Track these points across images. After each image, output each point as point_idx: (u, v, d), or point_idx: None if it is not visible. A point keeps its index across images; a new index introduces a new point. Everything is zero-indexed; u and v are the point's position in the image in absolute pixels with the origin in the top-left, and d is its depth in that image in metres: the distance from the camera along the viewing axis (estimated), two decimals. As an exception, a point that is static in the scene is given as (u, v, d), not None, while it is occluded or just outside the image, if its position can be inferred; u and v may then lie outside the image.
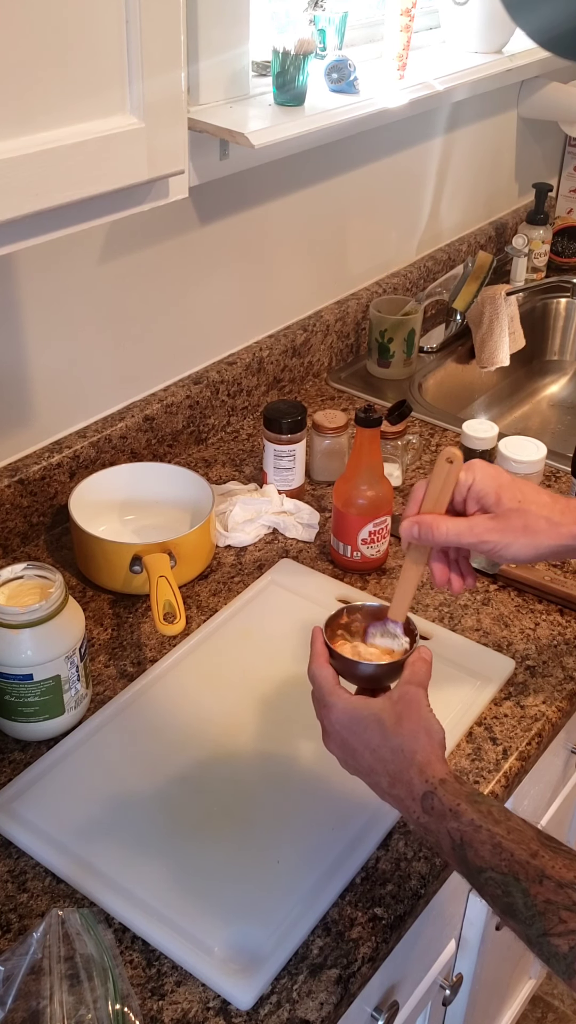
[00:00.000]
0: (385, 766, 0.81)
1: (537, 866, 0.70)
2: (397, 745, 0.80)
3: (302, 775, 0.98)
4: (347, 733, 0.83)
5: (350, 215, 1.68)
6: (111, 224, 1.23)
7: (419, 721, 0.80)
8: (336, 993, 0.81)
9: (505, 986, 1.55)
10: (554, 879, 0.69)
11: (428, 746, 0.79)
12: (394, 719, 0.81)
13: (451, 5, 1.63)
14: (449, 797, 0.76)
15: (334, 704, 0.84)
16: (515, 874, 0.70)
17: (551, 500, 0.89)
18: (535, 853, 0.71)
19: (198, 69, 1.21)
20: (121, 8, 0.75)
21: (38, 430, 1.28)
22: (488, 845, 0.72)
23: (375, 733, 0.82)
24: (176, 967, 0.82)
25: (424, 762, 0.78)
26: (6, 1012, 0.76)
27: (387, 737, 0.81)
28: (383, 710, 0.82)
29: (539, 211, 2.01)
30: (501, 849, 0.72)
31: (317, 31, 1.41)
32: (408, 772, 0.79)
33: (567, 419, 2.00)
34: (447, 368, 1.79)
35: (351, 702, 0.84)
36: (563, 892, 0.68)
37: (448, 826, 0.75)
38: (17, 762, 0.99)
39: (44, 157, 0.74)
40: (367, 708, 0.82)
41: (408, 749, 0.79)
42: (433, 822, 0.77)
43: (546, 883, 0.69)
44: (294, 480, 1.36)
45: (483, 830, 0.73)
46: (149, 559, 1.14)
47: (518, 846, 0.72)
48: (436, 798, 0.77)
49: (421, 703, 0.81)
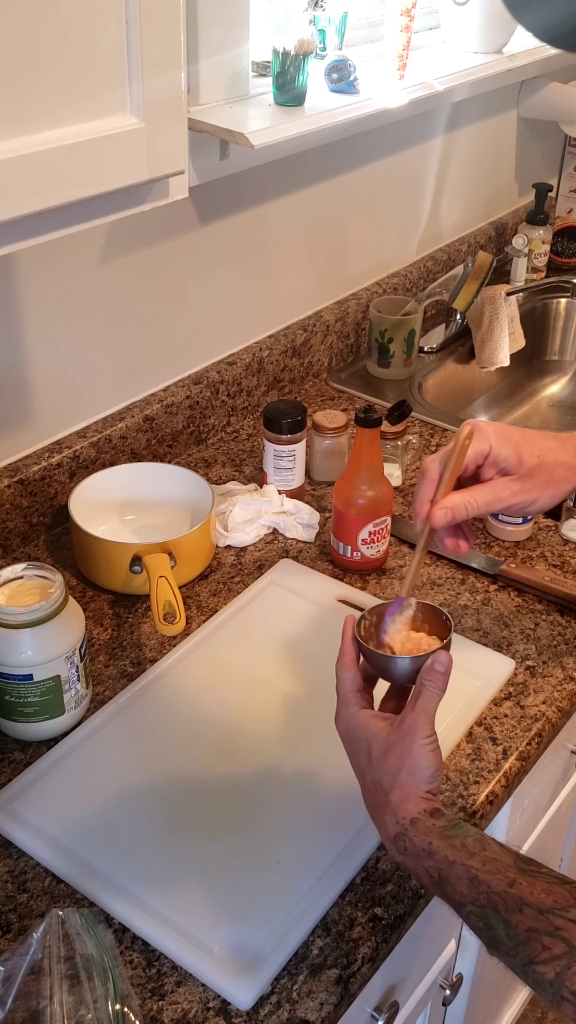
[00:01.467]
0: (367, 794, 0.82)
1: (515, 895, 0.69)
2: (376, 779, 0.80)
3: (302, 775, 0.98)
4: (346, 744, 0.85)
5: (350, 215, 1.68)
6: (111, 224, 1.22)
7: (404, 757, 0.79)
8: (336, 993, 0.81)
9: (505, 986, 1.55)
10: (533, 906, 0.68)
11: (406, 784, 0.78)
12: (381, 751, 0.80)
13: (451, 5, 1.64)
14: (420, 837, 0.75)
15: (341, 714, 0.85)
16: (494, 906, 0.69)
17: (558, 444, 0.90)
18: (512, 882, 0.70)
19: (198, 69, 1.21)
20: (121, 8, 0.75)
21: (38, 430, 1.28)
22: (464, 880, 0.72)
23: (363, 758, 0.82)
24: (176, 967, 0.82)
25: (396, 802, 0.78)
26: (6, 1012, 0.76)
27: (371, 767, 0.81)
28: (376, 737, 0.81)
29: (539, 211, 2.01)
30: (478, 882, 0.71)
31: (317, 31, 1.41)
32: (383, 810, 0.79)
33: (567, 419, 2.00)
34: (447, 368, 1.79)
35: (355, 718, 0.83)
36: (544, 919, 0.67)
37: (424, 865, 0.75)
38: (17, 762, 0.99)
39: (44, 157, 0.74)
40: (364, 729, 0.82)
41: (385, 786, 0.79)
42: (409, 861, 0.77)
43: (526, 911, 0.68)
44: (294, 480, 1.36)
45: (457, 865, 0.72)
46: (149, 559, 1.14)
47: (494, 877, 0.70)
48: (407, 839, 0.76)
49: (416, 735, 0.79)
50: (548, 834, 1.40)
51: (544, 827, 1.36)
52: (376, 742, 0.81)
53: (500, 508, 0.88)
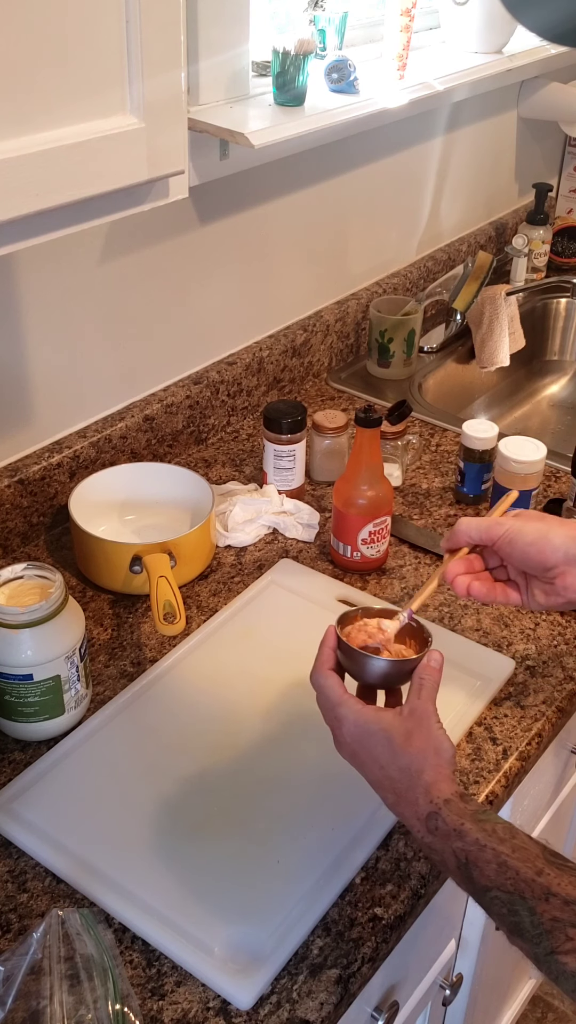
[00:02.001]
0: (392, 784, 0.80)
1: (543, 884, 0.69)
2: (405, 764, 0.80)
3: (302, 775, 0.97)
4: (357, 746, 0.83)
5: (350, 215, 1.68)
6: (111, 224, 1.23)
7: (428, 739, 0.79)
8: (336, 993, 0.81)
9: (505, 986, 1.55)
10: (560, 896, 0.68)
11: (436, 765, 0.79)
12: (403, 736, 0.80)
13: (451, 5, 1.64)
14: (453, 817, 0.75)
15: (345, 716, 0.83)
16: (521, 892, 0.70)
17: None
18: (540, 871, 0.70)
19: (198, 69, 1.21)
20: (121, 8, 0.75)
21: (38, 430, 1.28)
22: (493, 864, 0.72)
23: (384, 750, 0.81)
24: (176, 967, 0.82)
25: (430, 782, 0.78)
26: (6, 1012, 0.76)
27: (395, 755, 0.80)
28: (392, 726, 0.81)
29: (539, 211, 2.01)
30: (506, 868, 0.71)
31: (317, 31, 1.41)
32: (414, 792, 0.78)
33: (567, 419, 2.00)
34: (447, 368, 1.79)
35: (362, 715, 0.83)
36: (570, 909, 0.67)
37: (453, 846, 0.75)
38: (17, 762, 0.99)
39: (44, 157, 0.74)
40: (377, 723, 0.82)
41: (415, 769, 0.79)
42: (438, 842, 0.76)
43: (552, 900, 0.68)
44: (294, 480, 1.36)
45: (488, 849, 0.73)
46: (149, 559, 1.14)
47: (523, 864, 0.71)
48: (440, 818, 0.76)
49: (431, 719, 0.81)
50: (548, 834, 1.40)
51: (544, 827, 1.36)
52: (394, 730, 0.81)
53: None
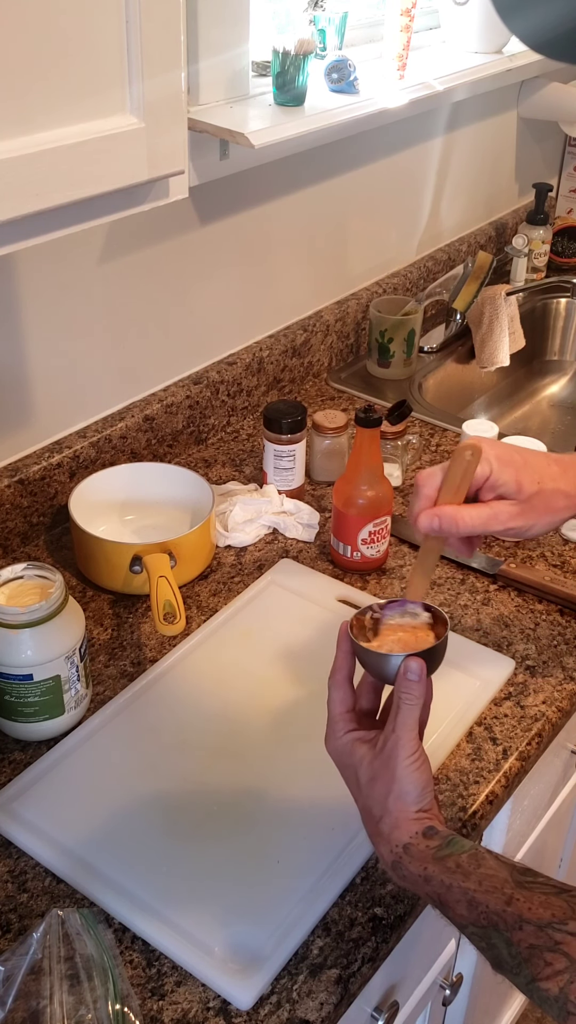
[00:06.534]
0: (363, 817, 0.82)
1: (514, 912, 0.68)
2: (367, 806, 0.81)
3: (302, 775, 0.98)
4: (338, 768, 0.85)
5: (350, 215, 1.68)
6: (111, 224, 1.23)
7: (390, 783, 0.78)
8: (336, 993, 0.81)
9: (505, 986, 1.55)
10: (532, 922, 0.67)
11: (395, 811, 0.78)
12: (368, 778, 0.80)
13: (451, 5, 1.64)
14: (415, 864, 0.75)
15: (329, 736, 0.85)
16: (494, 925, 0.69)
17: (560, 470, 0.88)
18: (510, 899, 0.69)
19: (198, 69, 1.21)
20: (121, 8, 0.75)
21: (38, 430, 1.28)
22: (463, 903, 0.71)
23: (353, 784, 0.83)
24: (176, 967, 0.82)
25: (388, 831, 0.78)
26: (6, 1012, 0.76)
27: (360, 793, 0.81)
28: (360, 763, 0.81)
29: (539, 211, 2.01)
30: (476, 903, 0.71)
31: (317, 31, 1.41)
32: (377, 838, 0.79)
33: (567, 419, 2.00)
34: (447, 368, 1.79)
35: (340, 743, 0.83)
36: (544, 934, 0.66)
37: (423, 890, 0.75)
38: (17, 762, 0.99)
39: (44, 157, 0.74)
40: (350, 756, 0.82)
41: (376, 814, 0.79)
42: (409, 886, 0.77)
43: (526, 928, 0.67)
44: (294, 480, 1.36)
45: (454, 888, 0.72)
46: (149, 559, 1.14)
47: (491, 896, 0.70)
48: (403, 867, 0.76)
49: (399, 756, 0.78)
50: (548, 834, 1.40)
51: (544, 827, 1.36)
52: (362, 769, 0.81)
53: (496, 530, 0.87)
